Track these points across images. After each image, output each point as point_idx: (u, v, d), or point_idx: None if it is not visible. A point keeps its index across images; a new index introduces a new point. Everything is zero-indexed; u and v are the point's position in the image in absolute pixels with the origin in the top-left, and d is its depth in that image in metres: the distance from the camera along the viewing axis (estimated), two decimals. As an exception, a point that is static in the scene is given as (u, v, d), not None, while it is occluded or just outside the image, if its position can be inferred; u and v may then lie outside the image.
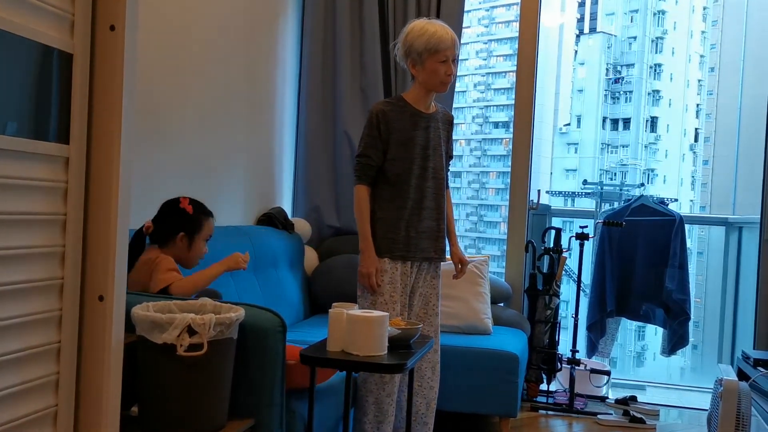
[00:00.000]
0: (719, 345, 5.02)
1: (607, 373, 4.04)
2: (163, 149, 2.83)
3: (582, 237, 3.89)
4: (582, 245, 3.92)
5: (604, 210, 4.43)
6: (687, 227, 4.16)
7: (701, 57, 38.99)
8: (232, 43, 3.34)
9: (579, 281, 4.04)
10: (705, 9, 38.96)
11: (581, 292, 4.00)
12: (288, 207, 4.06)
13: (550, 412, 3.73)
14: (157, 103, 2.77)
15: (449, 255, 2.76)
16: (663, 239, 4.08)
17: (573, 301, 3.96)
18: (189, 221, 2.26)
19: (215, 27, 3.18)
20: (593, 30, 39.89)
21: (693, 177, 38.38)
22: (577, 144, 38.74)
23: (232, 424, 1.83)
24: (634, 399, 3.79)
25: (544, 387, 3.88)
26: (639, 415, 3.57)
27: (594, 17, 40.01)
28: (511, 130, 4.02)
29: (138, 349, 1.74)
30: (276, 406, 1.90)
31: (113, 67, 1.52)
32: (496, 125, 39.60)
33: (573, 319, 3.85)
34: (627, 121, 38.45)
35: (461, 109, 39.07)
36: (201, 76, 3.08)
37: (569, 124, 39.04)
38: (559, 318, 3.86)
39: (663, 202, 4.21)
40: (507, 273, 4.01)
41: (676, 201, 4.96)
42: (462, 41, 3.37)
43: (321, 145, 4.05)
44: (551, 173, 37.24)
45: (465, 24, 3.97)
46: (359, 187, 2.56)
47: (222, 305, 1.87)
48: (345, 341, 2.06)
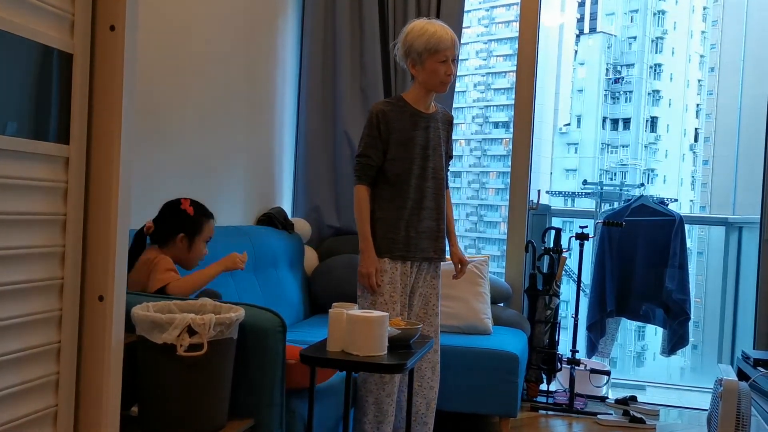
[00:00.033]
0: (719, 345, 5.02)
1: (607, 373, 4.04)
2: (163, 149, 2.83)
3: (582, 237, 3.89)
4: (582, 245, 3.92)
5: (604, 210, 4.43)
6: (687, 227, 4.16)
7: (701, 57, 38.98)
8: (232, 43, 3.34)
9: (579, 281, 4.04)
10: (705, 9, 38.96)
11: (581, 292, 4.00)
12: (288, 207, 4.06)
13: (550, 412, 3.73)
14: (157, 103, 2.78)
15: (449, 255, 2.76)
16: (663, 239, 4.08)
17: (573, 301, 3.96)
18: (189, 222, 2.26)
19: (215, 27, 3.18)
20: (593, 30, 39.89)
21: (693, 177, 38.37)
22: (577, 144, 38.73)
23: (232, 424, 1.83)
24: (634, 399, 3.79)
25: (544, 387, 3.88)
26: (639, 415, 3.57)
27: (594, 17, 40.01)
28: (511, 130, 4.01)
29: (138, 349, 1.74)
30: (276, 406, 1.90)
31: (113, 67, 1.52)
32: (496, 125, 39.59)
33: (573, 319, 3.85)
34: (627, 121, 38.45)
35: (461, 109, 39.05)
36: (201, 76, 3.08)
37: (569, 124, 39.03)
38: (559, 318, 3.86)
39: (663, 202, 4.21)
40: (507, 273, 4.01)
41: (676, 201, 4.95)
42: (462, 41, 3.37)
43: (321, 145, 4.05)
44: (551, 173, 37.23)
45: (465, 24, 3.97)
46: (359, 187, 2.56)
47: (222, 305, 1.88)
48: (345, 341, 2.06)
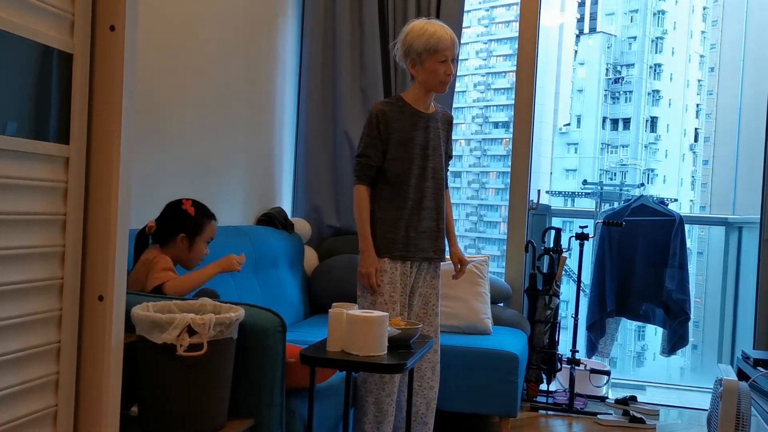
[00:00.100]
0: (719, 345, 5.02)
1: (607, 373, 4.04)
2: (163, 149, 2.83)
3: (582, 237, 3.89)
4: (582, 245, 3.92)
5: (604, 210, 4.43)
6: (687, 227, 4.16)
7: (701, 57, 38.96)
8: (232, 43, 3.34)
9: (579, 281, 4.04)
10: (705, 9, 38.94)
11: (581, 292, 4.00)
12: (288, 207, 4.06)
13: (550, 412, 3.73)
14: (157, 103, 2.78)
15: (449, 255, 2.76)
16: (663, 239, 4.08)
17: (573, 301, 3.96)
18: (190, 223, 2.27)
19: (215, 27, 3.18)
20: (593, 30, 39.87)
21: (693, 177, 38.34)
22: (577, 144, 38.72)
23: (232, 424, 1.83)
24: (634, 399, 3.79)
25: (544, 387, 3.88)
26: (639, 415, 3.57)
27: (594, 17, 39.99)
28: (511, 130, 4.01)
29: (138, 349, 1.74)
30: (276, 406, 1.90)
31: (113, 67, 1.52)
32: (496, 125, 39.57)
33: (573, 319, 3.85)
34: (627, 121, 38.43)
35: (461, 109, 39.04)
36: (201, 76, 3.08)
37: (569, 124, 39.02)
38: (559, 318, 3.86)
39: (663, 202, 4.21)
40: (507, 273, 4.01)
41: (675, 201, 4.95)
42: (462, 41, 3.37)
43: (321, 145, 4.05)
44: (551, 173, 37.20)
45: (465, 24, 3.97)
46: (359, 187, 2.56)
47: (222, 305, 1.88)
48: (345, 341, 2.07)
